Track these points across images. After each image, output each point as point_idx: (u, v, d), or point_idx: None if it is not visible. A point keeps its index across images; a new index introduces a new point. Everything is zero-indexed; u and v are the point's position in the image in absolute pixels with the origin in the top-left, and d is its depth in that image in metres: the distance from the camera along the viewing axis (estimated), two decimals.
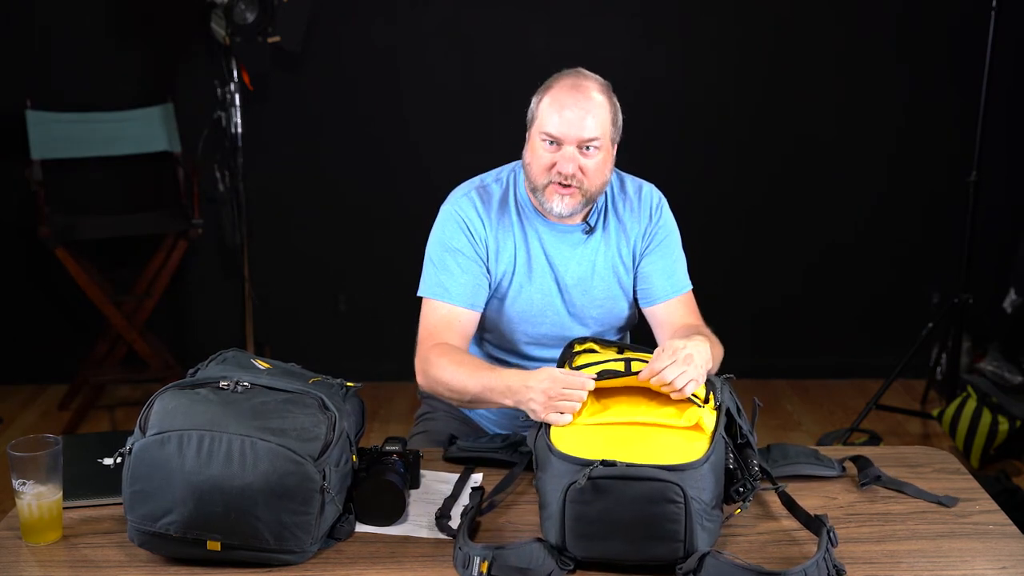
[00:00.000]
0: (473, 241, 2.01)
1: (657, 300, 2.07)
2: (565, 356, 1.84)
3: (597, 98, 1.94)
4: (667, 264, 2.07)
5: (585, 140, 1.91)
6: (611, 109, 1.96)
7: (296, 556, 1.52)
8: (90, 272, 3.74)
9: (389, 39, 3.93)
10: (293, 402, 1.57)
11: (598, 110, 1.93)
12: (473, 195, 2.05)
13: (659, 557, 1.47)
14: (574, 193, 1.94)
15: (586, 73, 1.99)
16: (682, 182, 4.11)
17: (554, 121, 1.91)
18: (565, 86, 1.94)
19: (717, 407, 1.61)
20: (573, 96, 1.92)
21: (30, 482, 1.56)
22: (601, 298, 2.06)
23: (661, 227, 2.08)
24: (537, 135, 1.95)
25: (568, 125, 1.91)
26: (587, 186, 1.94)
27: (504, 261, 2.02)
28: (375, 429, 3.66)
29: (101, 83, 3.93)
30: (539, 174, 1.95)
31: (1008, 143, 3.96)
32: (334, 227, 4.11)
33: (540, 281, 2.03)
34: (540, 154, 1.94)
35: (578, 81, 1.95)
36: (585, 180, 1.93)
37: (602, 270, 2.05)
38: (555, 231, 2.03)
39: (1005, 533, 1.63)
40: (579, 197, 1.95)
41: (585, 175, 1.93)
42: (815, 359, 4.23)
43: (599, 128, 1.92)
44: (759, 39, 3.98)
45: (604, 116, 1.94)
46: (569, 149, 1.91)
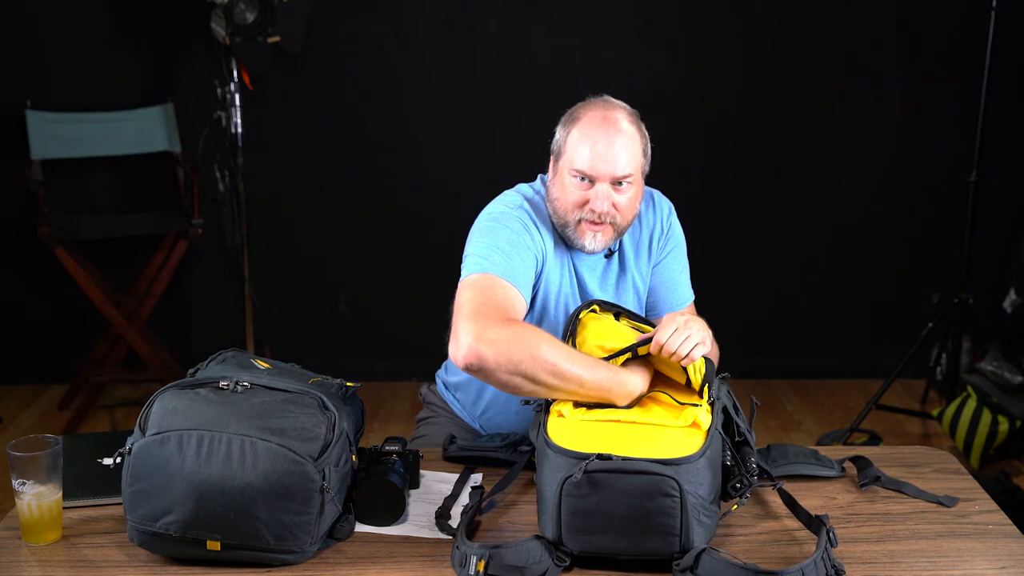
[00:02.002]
0: (533, 242, 1.91)
1: (660, 312, 2.07)
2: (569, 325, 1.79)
3: (628, 130, 1.88)
4: (673, 276, 2.08)
5: (619, 177, 1.86)
6: (642, 140, 1.91)
7: (296, 556, 1.52)
8: (90, 272, 3.74)
9: (389, 39, 3.93)
10: (293, 402, 1.57)
11: (630, 144, 1.87)
12: (527, 206, 1.95)
13: (655, 551, 1.47)
14: (606, 230, 1.90)
15: (613, 102, 1.92)
16: (682, 181, 4.10)
17: (585, 157, 1.85)
18: (595, 119, 1.87)
19: (712, 403, 1.61)
20: (604, 130, 1.86)
21: (30, 482, 1.57)
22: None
23: (671, 238, 2.08)
24: (567, 170, 1.88)
25: (601, 161, 1.84)
26: (619, 222, 1.90)
27: (552, 278, 1.95)
28: (375, 429, 3.66)
29: (101, 83, 3.93)
30: (570, 211, 1.89)
31: (1008, 143, 3.96)
32: (334, 227, 4.11)
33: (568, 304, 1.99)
34: (571, 191, 1.88)
35: (607, 113, 1.88)
36: (618, 216, 1.89)
37: (627, 292, 2.05)
38: (580, 256, 1.98)
39: (1005, 533, 1.63)
40: (611, 233, 1.91)
41: (618, 211, 1.88)
42: (815, 359, 4.23)
43: (632, 164, 1.87)
44: (759, 39, 3.98)
45: (636, 150, 1.88)
46: (603, 187, 1.86)
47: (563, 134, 1.91)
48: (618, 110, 1.90)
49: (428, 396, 2.25)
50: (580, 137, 1.87)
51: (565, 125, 1.92)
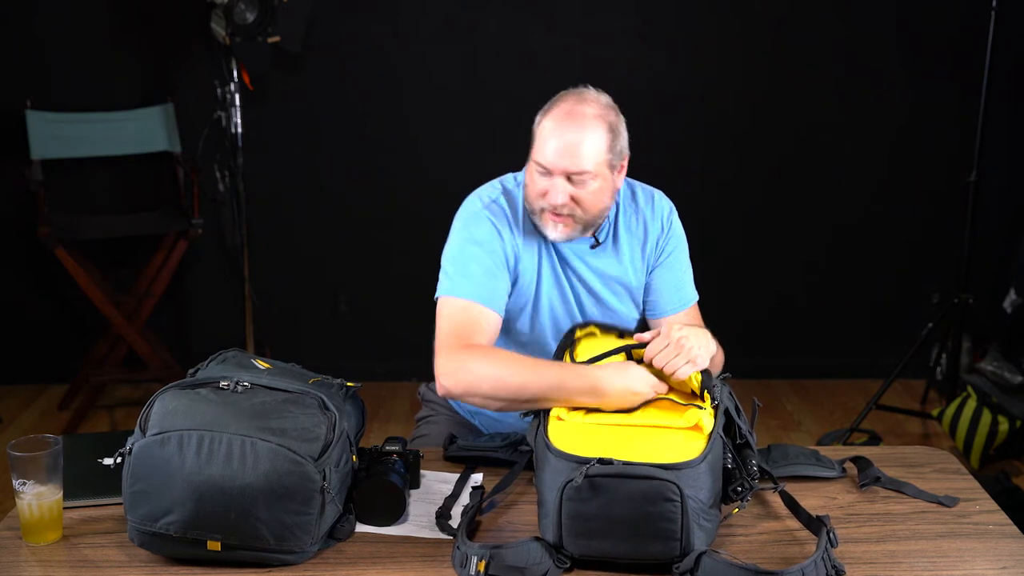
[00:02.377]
0: (503, 245, 1.95)
1: (663, 313, 2.07)
2: (566, 343, 1.82)
3: (591, 125, 1.86)
4: (676, 277, 2.07)
5: (573, 172, 1.85)
6: (607, 136, 1.87)
7: (296, 556, 1.52)
8: (90, 272, 3.74)
9: (389, 39, 3.93)
10: (293, 402, 1.57)
11: (590, 140, 1.85)
12: (501, 200, 1.99)
13: (655, 555, 1.47)
14: (567, 222, 1.90)
15: (587, 95, 1.91)
16: (681, 181, 4.09)
17: (546, 151, 1.86)
18: (562, 112, 1.87)
19: (715, 407, 1.60)
20: (566, 125, 1.85)
21: (30, 482, 1.56)
22: (610, 309, 2.05)
23: (672, 238, 2.06)
24: (533, 160, 1.90)
25: (557, 156, 1.85)
26: (580, 215, 1.89)
27: (528, 268, 1.98)
28: (375, 429, 3.66)
29: (101, 83, 3.93)
30: (534, 199, 1.91)
31: (1008, 143, 3.96)
32: (334, 227, 4.11)
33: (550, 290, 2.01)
34: (535, 180, 1.90)
35: (575, 107, 1.87)
36: (578, 209, 1.88)
37: (612, 282, 2.04)
38: (564, 244, 1.99)
39: (1005, 533, 1.63)
40: (573, 225, 1.90)
41: (579, 205, 1.88)
42: (815, 359, 4.23)
43: (590, 160, 1.85)
44: (759, 39, 3.98)
45: (597, 146, 1.86)
46: (559, 181, 1.86)
47: (536, 123, 1.92)
48: (588, 104, 1.88)
49: (427, 395, 2.26)
50: (546, 129, 1.88)
51: (540, 114, 1.92)
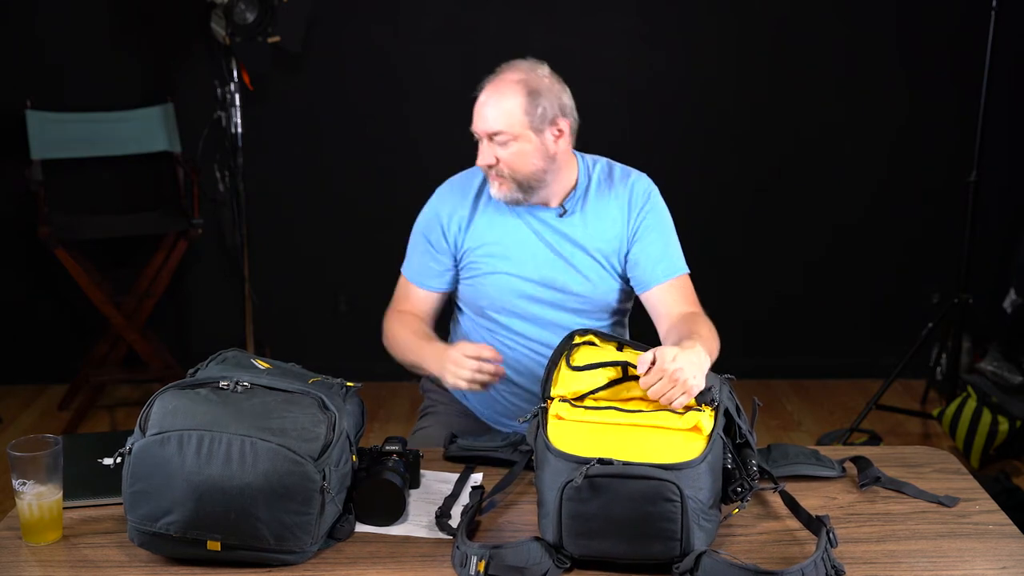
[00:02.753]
0: (444, 229, 2.14)
1: (650, 285, 2.09)
2: (564, 348, 1.82)
3: (508, 91, 2.00)
4: (658, 248, 2.10)
5: (488, 132, 2.01)
6: (524, 99, 2.00)
7: (296, 556, 1.52)
8: (90, 272, 3.74)
9: (389, 39, 3.93)
10: (293, 402, 1.57)
11: (505, 103, 2.00)
12: (458, 183, 2.18)
13: (655, 556, 1.47)
14: (503, 182, 2.03)
15: (519, 65, 2.05)
16: (681, 180, 4.10)
17: (474, 113, 2.04)
18: (492, 78, 2.04)
19: (715, 407, 1.60)
20: (487, 91, 2.02)
21: (30, 482, 1.56)
22: (581, 276, 2.10)
23: (649, 213, 2.11)
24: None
25: (478, 120, 2.03)
26: (509, 174, 2.02)
27: (474, 238, 2.12)
28: (375, 429, 3.66)
29: (101, 83, 3.93)
30: (478, 164, 2.07)
31: (1008, 143, 3.96)
32: (334, 227, 4.11)
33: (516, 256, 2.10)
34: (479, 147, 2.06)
35: (503, 75, 2.03)
36: (506, 169, 2.02)
37: (581, 250, 2.10)
38: (531, 213, 2.11)
39: (1005, 533, 1.63)
40: (509, 184, 2.04)
41: (504, 165, 2.02)
42: (815, 359, 4.23)
43: (503, 121, 1.99)
44: (759, 39, 3.98)
45: (511, 108, 2.00)
46: (484, 143, 2.03)
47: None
48: (514, 71, 2.04)
49: (427, 386, 2.33)
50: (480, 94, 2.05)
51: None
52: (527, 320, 2.13)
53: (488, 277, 2.13)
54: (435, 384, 2.28)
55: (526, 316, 2.13)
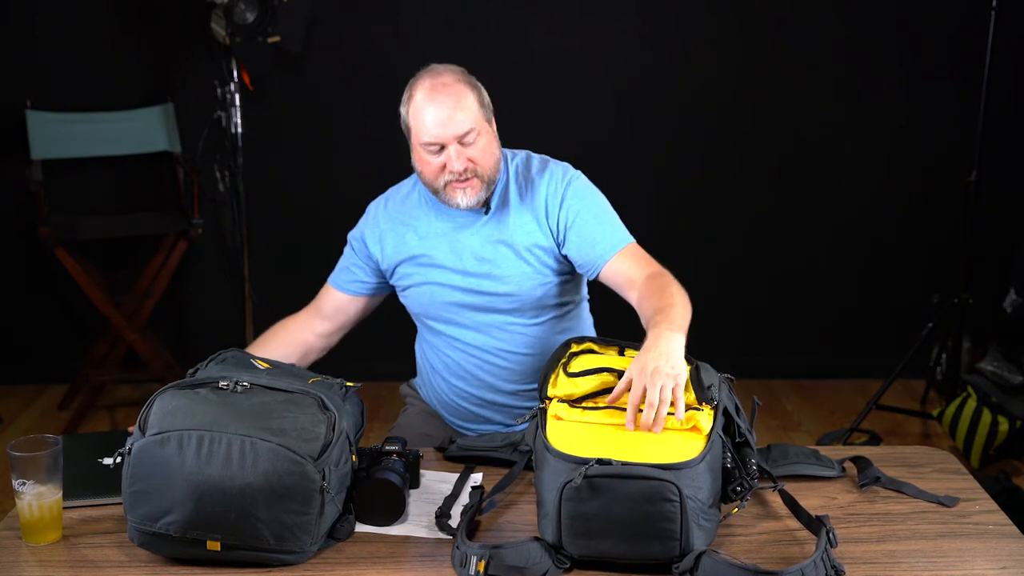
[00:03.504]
0: (365, 239, 2.17)
1: (600, 263, 2.04)
2: (560, 356, 1.80)
3: (457, 89, 1.99)
4: (593, 230, 2.05)
5: (462, 134, 1.97)
6: (474, 94, 2.01)
7: (296, 556, 1.52)
8: (90, 272, 3.74)
9: (389, 39, 3.93)
10: (293, 402, 1.57)
11: (463, 102, 1.98)
12: (385, 196, 2.20)
13: (655, 556, 1.47)
14: (473, 184, 2.00)
15: (439, 68, 2.04)
16: (681, 180, 4.12)
17: (427, 127, 1.97)
18: (424, 89, 2.00)
19: (714, 406, 1.60)
20: (434, 97, 1.98)
21: (30, 482, 1.57)
22: (507, 275, 2.06)
23: (574, 198, 2.06)
24: (419, 145, 2.01)
25: (441, 127, 1.97)
26: (481, 171, 2.00)
27: (405, 250, 2.11)
28: (375, 429, 3.66)
29: (101, 83, 3.93)
30: (433, 178, 2.01)
31: (1008, 143, 3.96)
32: (334, 227, 4.08)
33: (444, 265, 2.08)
34: (428, 160, 2.00)
35: (434, 80, 2.01)
36: (478, 167, 2.00)
37: (504, 248, 2.06)
38: (455, 217, 2.08)
39: (1005, 533, 1.63)
40: (479, 185, 2.01)
41: (476, 163, 1.99)
42: (815, 359, 4.23)
43: (470, 119, 1.98)
44: (758, 39, 3.98)
45: (470, 104, 1.99)
46: (453, 148, 1.97)
47: (404, 113, 2.04)
48: (445, 74, 2.02)
49: (404, 390, 2.37)
50: (418, 111, 1.99)
51: (404, 104, 2.04)
52: (462, 326, 2.11)
53: (419, 288, 2.12)
54: (410, 388, 2.34)
55: (460, 323, 2.11)
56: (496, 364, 2.11)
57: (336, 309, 2.23)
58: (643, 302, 1.91)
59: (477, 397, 2.15)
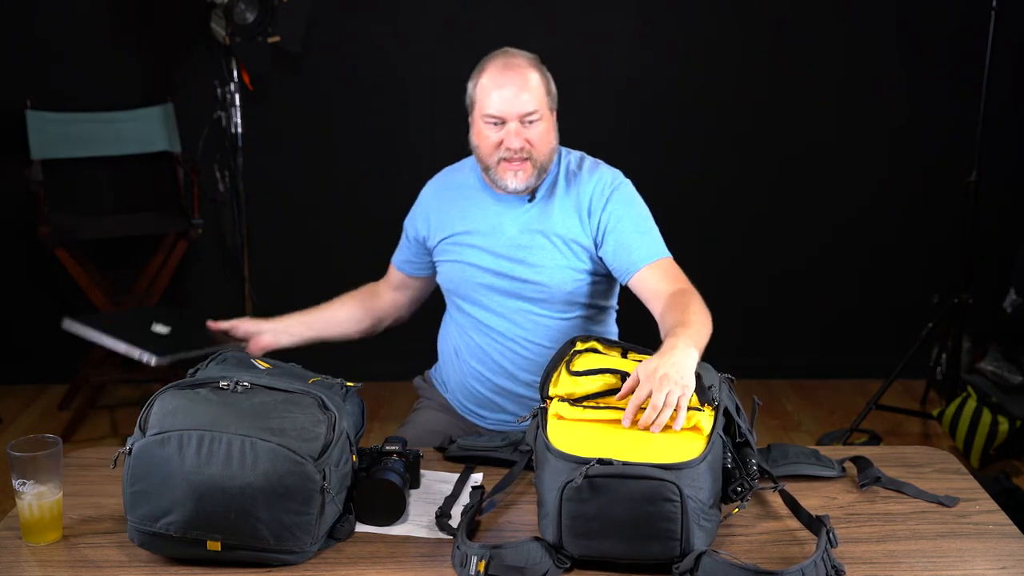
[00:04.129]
0: (415, 220, 2.25)
1: (632, 271, 2.06)
2: (564, 353, 1.81)
3: (529, 73, 2.05)
4: (632, 237, 2.07)
5: (525, 114, 2.02)
6: (544, 81, 2.07)
7: (296, 556, 1.52)
8: (90, 272, 3.74)
9: (389, 39, 3.93)
10: (293, 402, 1.57)
11: (532, 84, 2.04)
12: (438, 176, 2.29)
13: (655, 556, 1.47)
14: (525, 167, 2.05)
15: (514, 51, 2.09)
16: (681, 180, 4.12)
17: (493, 102, 2.03)
18: (497, 66, 2.06)
19: (715, 407, 1.60)
20: (506, 75, 2.04)
21: (30, 482, 1.57)
22: (541, 264, 2.09)
23: (619, 203, 2.10)
24: (480, 118, 2.07)
25: (507, 103, 2.02)
26: (536, 155, 2.05)
27: (448, 227, 2.17)
28: (375, 429, 3.66)
29: (101, 83, 3.93)
30: (489, 153, 2.07)
31: (1008, 143, 3.96)
32: (335, 227, 4.11)
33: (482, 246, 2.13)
34: (486, 135, 2.06)
35: (508, 60, 2.06)
36: (533, 150, 2.04)
37: (542, 237, 2.10)
38: (500, 202, 2.14)
39: (1005, 533, 1.63)
40: (531, 168, 2.05)
41: (532, 146, 2.04)
42: (815, 359, 4.23)
43: (535, 101, 2.03)
44: (758, 39, 3.98)
45: (538, 88, 2.05)
46: (513, 125, 2.03)
47: (471, 87, 2.11)
48: (518, 56, 2.08)
49: (418, 383, 2.38)
50: (486, 85, 2.06)
51: (472, 79, 2.11)
52: (489, 310, 2.15)
53: (453, 265, 2.17)
54: (424, 381, 2.36)
55: (488, 306, 2.15)
56: (517, 352, 2.14)
57: (400, 283, 2.34)
58: (665, 314, 1.94)
59: (494, 383, 2.17)
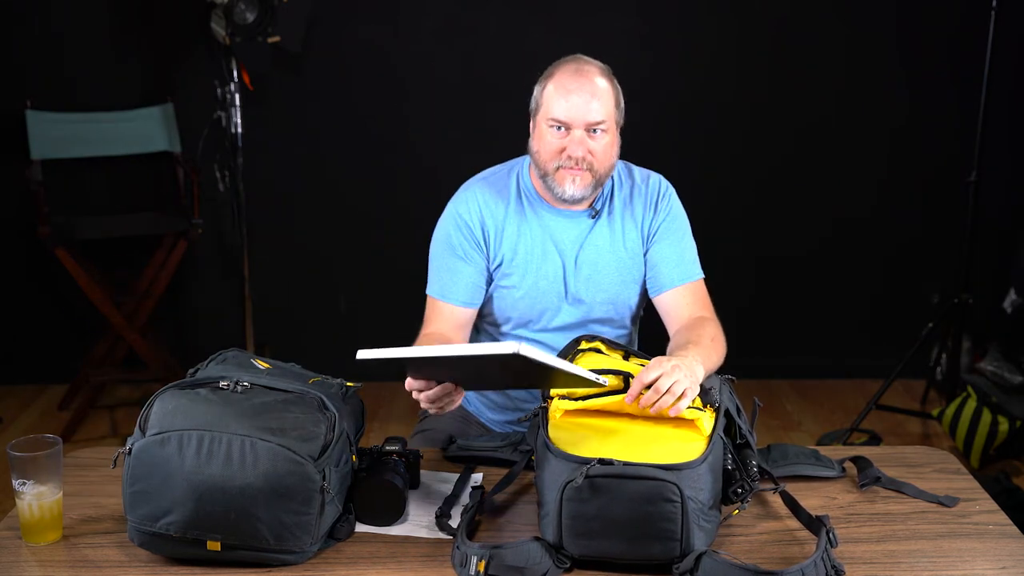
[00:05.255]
0: (470, 235, 2.04)
1: (664, 288, 2.05)
2: (568, 352, 1.82)
3: (600, 82, 1.96)
4: (675, 251, 2.07)
5: (592, 123, 1.94)
6: (614, 93, 1.99)
7: (296, 556, 1.52)
8: (90, 272, 3.74)
9: (389, 39, 3.93)
10: (293, 402, 1.57)
11: (602, 94, 1.95)
12: (475, 187, 2.09)
13: (655, 556, 1.47)
14: (584, 176, 1.96)
15: (587, 59, 2.01)
16: (681, 179, 4.07)
17: (561, 106, 1.94)
18: (568, 71, 1.96)
19: (716, 408, 1.60)
20: (577, 81, 1.95)
21: (30, 482, 1.57)
22: (608, 283, 2.06)
23: (669, 214, 2.08)
24: (544, 121, 1.97)
25: (575, 110, 1.93)
26: (596, 167, 1.97)
27: (507, 245, 2.04)
28: (375, 429, 3.66)
29: (101, 83, 3.93)
30: (549, 159, 1.97)
31: (1008, 143, 3.96)
32: (334, 227, 4.11)
33: (546, 265, 2.04)
34: (549, 140, 1.97)
35: (580, 66, 1.97)
36: (595, 162, 1.96)
37: (608, 255, 2.06)
38: (561, 216, 2.05)
39: (1005, 533, 1.63)
40: (589, 179, 1.97)
41: (594, 157, 1.96)
42: (815, 359, 4.23)
43: (604, 111, 1.95)
44: (758, 39, 3.98)
45: (608, 100, 1.96)
46: (578, 133, 1.94)
47: (539, 90, 2.01)
48: (590, 64, 1.99)
49: None
50: (555, 89, 1.96)
51: (541, 82, 2.01)
52: (546, 330, 2.07)
53: (512, 291, 2.05)
54: None
55: (545, 326, 2.07)
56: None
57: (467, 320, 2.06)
58: (679, 334, 1.94)
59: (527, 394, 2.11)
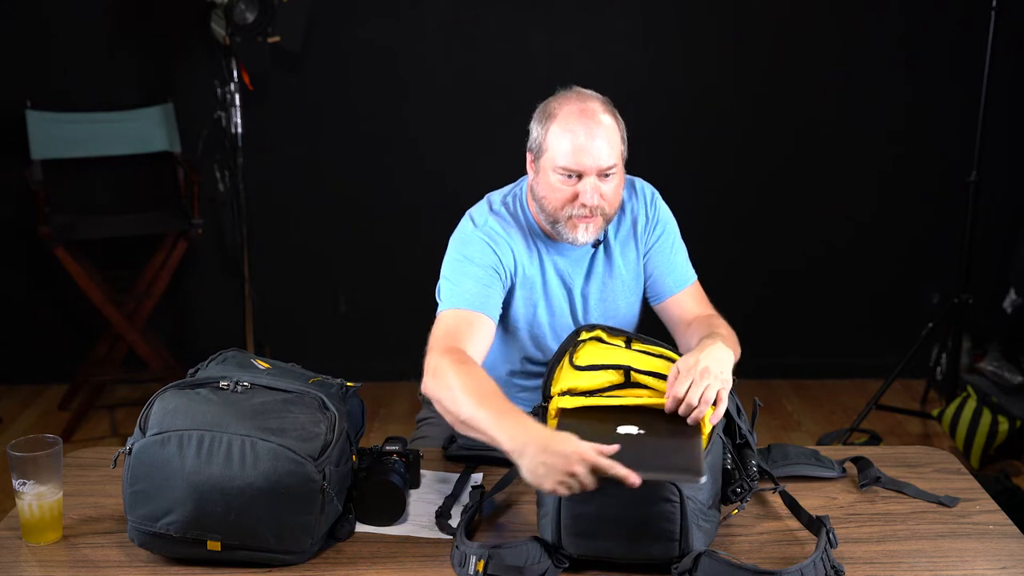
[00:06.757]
0: (497, 259, 1.92)
1: (665, 295, 2.05)
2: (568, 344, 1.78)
3: (605, 120, 1.86)
4: (670, 259, 2.05)
5: (604, 169, 1.85)
6: (619, 128, 1.89)
7: (296, 556, 1.52)
8: (90, 272, 3.74)
9: (389, 39, 3.93)
10: (293, 402, 1.57)
11: (610, 133, 1.86)
12: (495, 216, 1.97)
13: (654, 556, 1.47)
14: (596, 221, 1.89)
15: (586, 93, 1.91)
16: (680, 180, 4.11)
17: (568, 152, 1.84)
18: (572, 113, 1.85)
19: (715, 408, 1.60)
20: (584, 124, 1.84)
21: (30, 482, 1.57)
22: (615, 309, 2.04)
23: (659, 222, 2.05)
24: (550, 168, 1.87)
25: (586, 157, 1.83)
26: (608, 211, 1.90)
27: (520, 281, 1.97)
28: (375, 429, 3.66)
29: (101, 83, 3.93)
30: (559, 207, 1.88)
31: (1008, 143, 3.96)
32: (334, 227, 4.11)
33: (554, 302, 2.00)
34: (558, 188, 1.86)
35: (584, 105, 1.86)
36: (606, 206, 1.89)
37: (615, 282, 2.03)
38: (565, 252, 1.99)
39: (1005, 533, 1.63)
40: (601, 223, 1.91)
41: (606, 201, 1.88)
42: (815, 359, 4.23)
43: (614, 153, 1.86)
44: (758, 39, 3.98)
45: (615, 137, 1.87)
46: (590, 180, 1.85)
47: (541, 131, 1.89)
48: (593, 100, 1.88)
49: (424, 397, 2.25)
50: (560, 133, 1.85)
51: (541, 122, 1.90)
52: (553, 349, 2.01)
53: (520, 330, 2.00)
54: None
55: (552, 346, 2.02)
56: None
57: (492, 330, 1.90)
58: (692, 333, 1.91)
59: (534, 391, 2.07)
